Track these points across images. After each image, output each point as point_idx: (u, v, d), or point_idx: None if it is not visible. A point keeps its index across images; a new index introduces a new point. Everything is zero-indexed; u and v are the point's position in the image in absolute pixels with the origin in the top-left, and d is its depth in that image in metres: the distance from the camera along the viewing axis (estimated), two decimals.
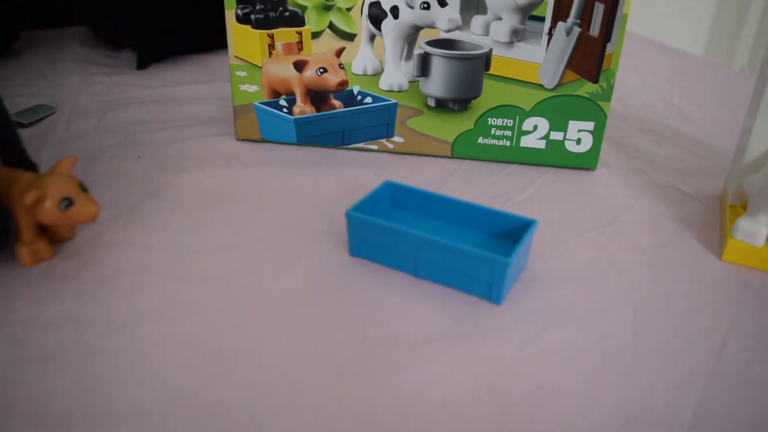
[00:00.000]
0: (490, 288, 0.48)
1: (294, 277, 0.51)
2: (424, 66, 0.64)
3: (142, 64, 0.87)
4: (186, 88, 0.82)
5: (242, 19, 0.65)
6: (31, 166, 0.55)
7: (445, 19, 0.62)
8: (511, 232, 0.53)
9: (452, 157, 0.68)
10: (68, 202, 0.48)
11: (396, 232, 0.50)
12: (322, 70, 0.65)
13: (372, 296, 0.49)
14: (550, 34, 0.62)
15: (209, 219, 0.57)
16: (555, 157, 0.67)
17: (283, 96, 0.68)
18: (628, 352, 0.45)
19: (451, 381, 0.42)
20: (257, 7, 0.64)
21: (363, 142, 0.67)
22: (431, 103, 0.66)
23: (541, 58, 0.63)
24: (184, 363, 0.43)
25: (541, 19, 0.62)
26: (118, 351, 0.44)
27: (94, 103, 0.77)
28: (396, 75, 0.65)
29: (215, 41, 0.86)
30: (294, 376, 0.42)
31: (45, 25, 0.98)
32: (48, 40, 0.95)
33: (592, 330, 0.47)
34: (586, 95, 0.64)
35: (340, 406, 0.40)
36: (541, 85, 0.64)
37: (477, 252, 0.47)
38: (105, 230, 0.55)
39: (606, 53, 0.62)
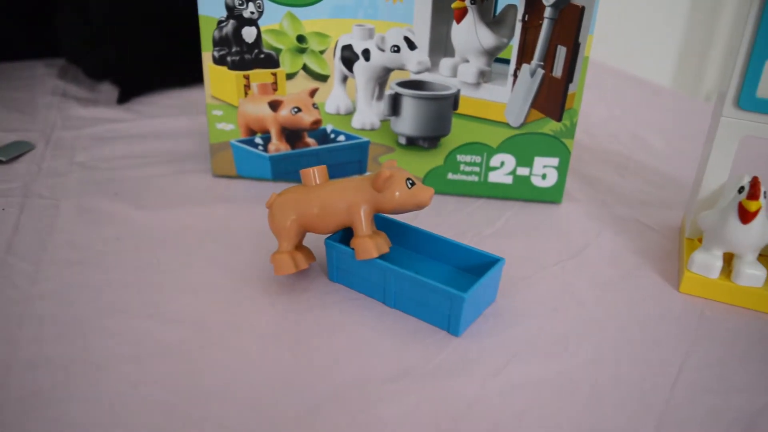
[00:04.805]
0: (449, 320, 0.50)
1: (272, 312, 0.53)
2: (395, 106, 0.67)
3: (122, 99, 0.89)
4: (165, 122, 0.84)
5: (218, 61, 0.67)
6: None
7: (414, 62, 0.65)
8: (479, 268, 0.55)
9: None
10: (412, 182, 0.52)
11: (366, 262, 0.52)
12: (296, 110, 0.67)
13: (345, 330, 0.51)
14: (515, 76, 0.65)
15: (186, 257, 0.59)
16: (522, 192, 0.69)
17: (259, 134, 0.70)
18: (587, 384, 0.48)
19: (417, 418, 0.44)
20: (233, 50, 0.66)
21: (337, 178, 0.69)
22: (402, 141, 0.68)
23: (507, 98, 0.65)
24: (160, 403, 0.44)
25: (507, 62, 0.64)
26: (95, 392, 0.45)
27: (72, 139, 0.78)
28: (368, 114, 0.68)
29: (196, 77, 0.88)
30: (266, 415, 0.44)
31: (23, 57, 0.99)
32: (26, 72, 0.96)
33: (553, 363, 0.49)
34: (551, 133, 0.66)
35: None
36: (508, 124, 0.66)
37: (437, 285, 0.49)
38: (82, 270, 0.56)
39: (569, 93, 0.65)
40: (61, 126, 0.81)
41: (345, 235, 0.56)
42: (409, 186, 0.51)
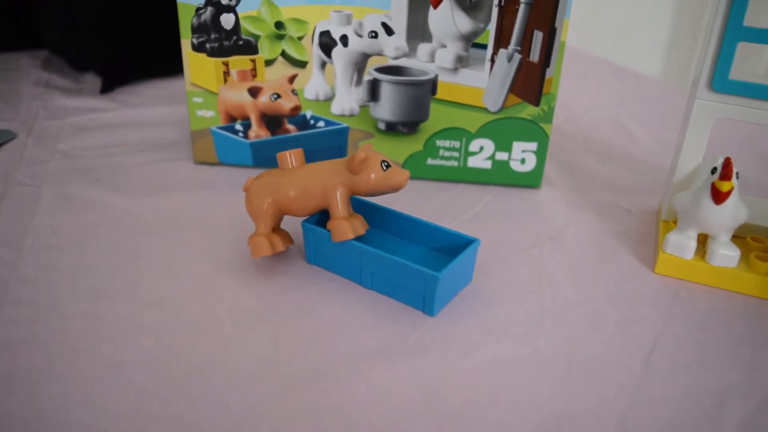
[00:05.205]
0: (423, 300, 0.51)
1: (250, 294, 0.53)
2: (374, 91, 0.67)
3: (106, 88, 0.89)
4: (148, 112, 0.84)
5: (197, 48, 0.67)
6: None
7: (392, 47, 0.65)
8: (454, 249, 0.55)
9: None
10: (387, 164, 0.52)
11: (343, 243, 0.53)
12: (275, 96, 0.67)
13: (321, 311, 0.52)
14: (492, 61, 0.65)
15: (166, 242, 0.59)
16: (501, 177, 0.70)
17: (239, 121, 0.70)
18: (560, 363, 0.48)
19: (391, 394, 0.45)
20: (212, 36, 0.66)
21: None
22: (381, 126, 0.69)
23: (485, 83, 0.66)
24: (138, 384, 0.45)
25: (484, 47, 0.65)
26: (74, 374, 0.45)
27: (55, 128, 0.78)
28: (347, 100, 0.68)
29: (179, 66, 0.88)
30: (242, 394, 0.44)
31: (6, 49, 0.99)
32: (9, 63, 0.96)
33: (526, 343, 0.50)
34: (529, 117, 0.67)
35: (286, 421, 0.43)
36: (486, 109, 0.67)
37: (411, 265, 0.50)
38: (61, 255, 0.57)
39: (546, 78, 0.65)
40: (44, 115, 0.81)
41: (322, 217, 0.56)
42: (385, 168, 0.52)
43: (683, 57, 1.56)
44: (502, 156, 0.69)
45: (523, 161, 0.69)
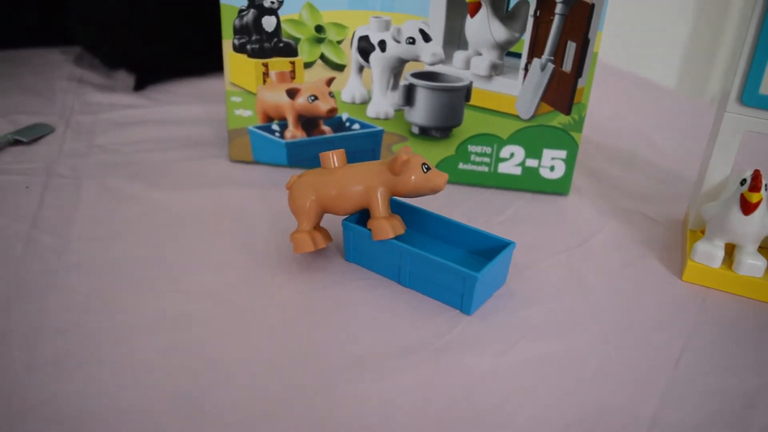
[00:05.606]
0: (461, 299, 0.52)
1: (290, 289, 0.55)
2: (409, 96, 0.69)
3: (139, 86, 0.90)
4: (181, 110, 0.85)
5: (238, 49, 0.69)
6: None
7: (429, 53, 0.67)
8: (490, 251, 0.57)
9: None
10: (427, 167, 0.54)
11: (382, 242, 0.54)
12: (313, 98, 0.69)
13: (360, 307, 0.54)
14: (526, 69, 0.67)
15: (206, 236, 0.61)
16: (530, 183, 0.72)
17: (276, 121, 0.72)
18: (593, 363, 0.50)
19: (431, 389, 0.46)
20: (253, 38, 0.68)
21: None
22: (415, 130, 0.71)
23: (518, 91, 0.67)
24: (182, 369, 0.46)
25: (518, 56, 0.66)
26: (122, 358, 0.47)
27: (91, 123, 0.80)
28: (382, 104, 0.70)
29: (210, 66, 0.90)
30: (285, 383, 0.46)
31: (39, 44, 1.01)
32: (42, 58, 0.97)
33: (560, 343, 0.51)
34: (559, 126, 0.68)
35: (328, 410, 0.44)
36: (518, 116, 0.68)
37: (450, 265, 0.51)
38: (105, 247, 0.58)
39: (578, 88, 0.67)
40: (79, 110, 0.83)
41: (361, 216, 0.58)
42: (425, 170, 0.53)
43: (699, 69, 1.58)
44: (532, 163, 0.70)
45: (552, 168, 0.71)
